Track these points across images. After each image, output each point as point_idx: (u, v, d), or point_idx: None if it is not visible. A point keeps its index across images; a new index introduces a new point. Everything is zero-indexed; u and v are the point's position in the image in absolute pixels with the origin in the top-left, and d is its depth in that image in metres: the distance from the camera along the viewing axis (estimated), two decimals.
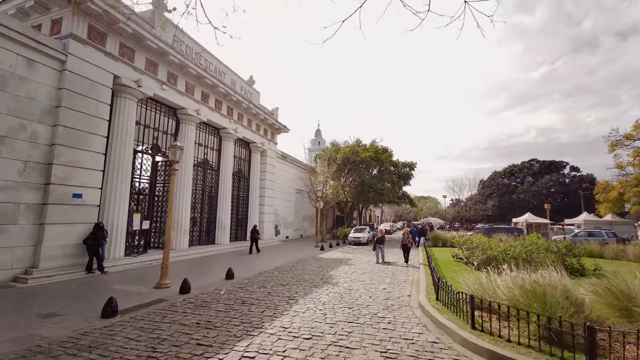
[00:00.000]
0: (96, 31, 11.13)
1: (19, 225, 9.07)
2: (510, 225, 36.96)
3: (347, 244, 24.47)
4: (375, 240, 14.66)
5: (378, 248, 14.35)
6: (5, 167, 8.77)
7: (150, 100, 13.94)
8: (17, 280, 8.80)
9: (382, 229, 15.77)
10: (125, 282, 9.43)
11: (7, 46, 8.77)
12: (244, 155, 22.22)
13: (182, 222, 15.29)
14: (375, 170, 34.88)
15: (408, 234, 14.71)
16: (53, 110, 9.94)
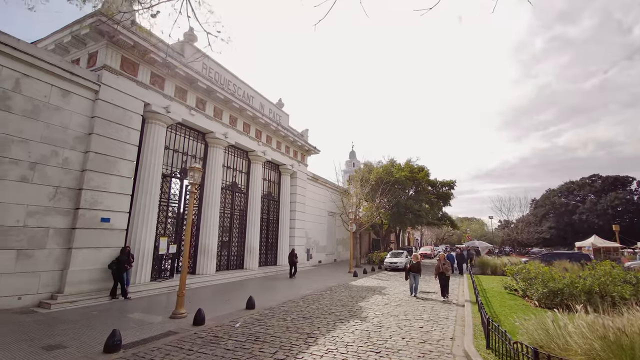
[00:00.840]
0: (129, 62, 11.67)
1: (46, 250, 9.21)
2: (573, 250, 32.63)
3: (383, 270, 22.81)
4: (409, 268, 12.27)
5: (412, 277, 12.05)
6: (35, 193, 9.05)
7: (179, 125, 14.27)
8: (41, 306, 8.79)
9: (416, 254, 12.88)
10: (143, 310, 9.07)
11: (40, 77, 9.32)
12: (273, 177, 22.05)
13: (209, 246, 15.05)
14: (411, 190, 33.10)
15: (444, 260, 11.93)
16: (85, 138, 10.31)
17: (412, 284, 12.03)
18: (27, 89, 9.05)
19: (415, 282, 11.98)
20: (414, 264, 12.21)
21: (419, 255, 13.13)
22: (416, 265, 12.15)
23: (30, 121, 9.07)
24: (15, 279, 8.49)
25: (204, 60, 15.07)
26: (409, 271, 12.19)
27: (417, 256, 12.67)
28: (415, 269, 12.08)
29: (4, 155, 8.47)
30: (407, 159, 33.92)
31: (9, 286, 8.34)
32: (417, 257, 12.58)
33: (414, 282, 11.98)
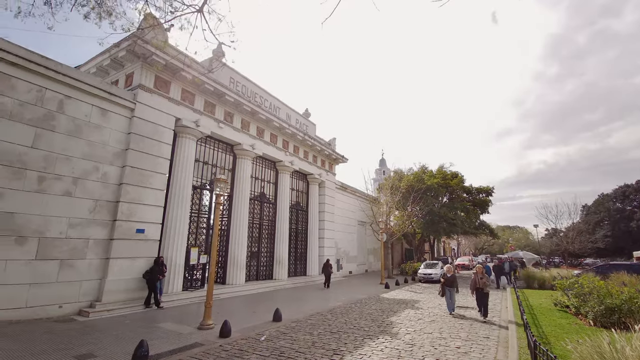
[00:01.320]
0: (161, 80, 12.28)
1: (87, 260, 9.71)
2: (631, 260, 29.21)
3: (417, 282, 21.76)
4: (443, 282, 10.80)
5: (448, 293, 10.66)
6: (77, 206, 9.63)
7: (208, 138, 14.72)
8: (81, 314, 9.23)
9: (450, 266, 11.35)
10: (173, 320, 9.21)
11: (82, 98, 10.02)
12: (301, 187, 22.05)
13: (238, 256, 15.20)
14: (445, 198, 31.65)
15: (482, 274, 10.21)
16: (122, 153, 10.90)
17: (448, 300, 10.72)
18: (70, 110, 9.76)
19: (451, 299, 10.64)
20: (448, 277, 10.76)
21: (453, 267, 11.55)
22: (451, 279, 10.71)
23: (73, 139, 9.73)
24: (58, 288, 9.00)
25: (231, 74, 15.57)
26: (444, 286, 10.82)
27: (452, 268, 11.17)
28: (450, 283, 10.68)
29: (49, 171, 9.12)
30: (440, 165, 32.63)
31: (51, 295, 8.85)
32: (450, 269, 11.08)
33: (450, 298, 10.66)
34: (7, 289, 8.05)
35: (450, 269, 11.13)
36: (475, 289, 10.06)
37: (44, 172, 9.01)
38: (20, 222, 8.43)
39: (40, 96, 9.14)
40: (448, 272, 10.95)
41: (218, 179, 9.15)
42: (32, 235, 8.63)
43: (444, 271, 11.15)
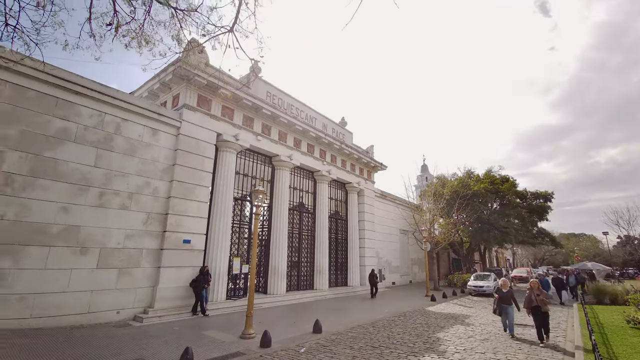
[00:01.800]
0: (203, 98, 13.06)
1: (141, 269, 10.45)
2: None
3: (467, 294, 20.31)
4: (498, 298, 9.47)
5: (503, 311, 9.29)
6: (133, 219, 10.46)
7: (247, 150, 15.28)
8: (136, 319, 9.89)
9: (506, 280, 9.84)
10: (217, 328, 9.49)
11: (136, 120, 10.96)
12: (340, 196, 21.92)
13: (278, 266, 15.39)
14: (495, 204, 29.48)
15: (539, 289, 8.65)
16: (170, 168, 11.69)
17: (504, 320, 9.38)
18: (125, 131, 10.73)
19: (508, 318, 9.20)
20: (504, 293, 9.34)
21: (509, 281, 9.64)
22: (507, 294, 9.27)
23: (128, 157, 10.66)
24: (116, 294, 9.76)
25: (267, 89, 16.13)
26: (499, 302, 9.39)
27: (507, 283, 9.68)
28: (506, 300, 9.24)
29: (108, 187, 10.05)
30: (487, 169, 30.60)
31: (110, 301, 9.61)
32: (506, 283, 9.61)
33: (507, 317, 9.24)
34: (72, 295, 8.90)
35: (505, 282, 9.69)
36: (532, 307, 8.54)
37: (104, 188, 9.94)
38: (84, 234, 9.34)
39: (100, 120, 10.17)
40: (503, 287, 9.51)
41: (256, 191, 9.38)
42: (94, 246, 9.51)
43: (499, 285, 9.77)
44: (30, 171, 8.60)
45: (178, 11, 4.36)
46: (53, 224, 8.81)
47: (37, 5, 3.66)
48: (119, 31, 4.23)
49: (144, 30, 4.38)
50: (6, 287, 7.91)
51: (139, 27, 4.32)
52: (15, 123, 8.52)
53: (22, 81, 8.75)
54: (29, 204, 8.48)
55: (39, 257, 8.48)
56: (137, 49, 4.43)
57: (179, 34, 4.53)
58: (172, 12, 4.36)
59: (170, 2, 4.29)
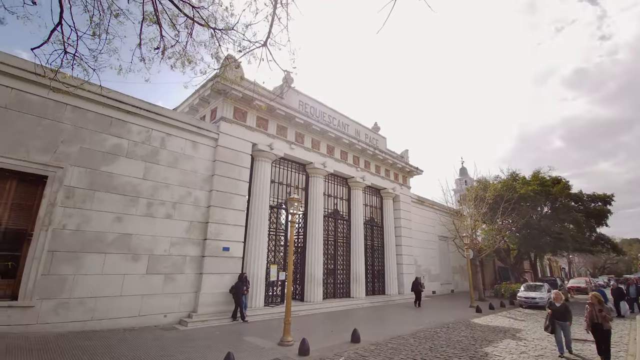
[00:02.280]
0: (239, 111, 13.61)
1: (185, 275, 10.99)
2: None
3: (517, 307, 18.87)
4: (551, 313, 8.33)
5: (557, 327, 8.22)
6: (176, 227, 11.07)
7: (282, 159, 15.60)
8: (181, 323, 10.38)
9: (560, 292, 8.67)
10: (256, 334, 9.66)
11: (178, 134, 11.67)
12: (375, 202, 21.56)
13: (315, 274, 15.40)
14: (545, 208, 27.28)
15: (600, 304, 7.56)
16: (209, 179, 12.25)
17: (559, 338, 8.24)
18: (169, 145, 11.46)
19: (565, 335, 8.23)
20: (557, 307, 8.25)
21: (564, 292, 8.31)
22: (562, 309, 8.17)
23: (172, 169, 11.35)
24: (163, 299, 10.33)
25: (299, 98, 16.43)
26: (553, 318, 8.28)
27: (561, 295, 8.45)
28: (561, 315, 8.13)
29: (155, 198, 10.75)
30: (535, 170, 28.43)
31: (158, 305, 10.19)
32: (559, 296, 8.40)
33: (563, 335, 8.23)
34: (126, 299, 9.56)
35: (559, 295, 8.50)
36: (593, 325, 7.51)
37: (151, 199, 10.65)
38: (135, 242, 10.04)
39: (148, 136, 10.97)
40: (556, 300, 8.37)
41: (291, 199, 9.52)
42: (144, 253, 10.17)
43: (551, 298, 8.64)
44: (89, 185, 9.45)
45: (217, 31, 4.63)
46: (108, 233, 9.58)
47: (93, 35, 4.09)
48: (165, 54, 4.58)
49: (187, 51, 4.70)
50: (69, 292, 8.70)
51: (182, 48, 4.66)
52: (76, 142, 9.45)
53: (82, 104, 9.71)
54: (88, 215, 9.30)
55: (97, 264, 9.24)
56: (181, 69, 4.76)
57: (218, 51, 4.81)
58: (212, 32, 4.63)
59: (210, 23, 4.56)
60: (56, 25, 3.71)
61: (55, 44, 3.89)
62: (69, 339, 7.76)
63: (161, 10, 4.21)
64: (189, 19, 4.38)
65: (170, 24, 4.43)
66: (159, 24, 4.27)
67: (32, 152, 8.66)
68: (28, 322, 7.94)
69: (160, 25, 4.26)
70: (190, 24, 4.51)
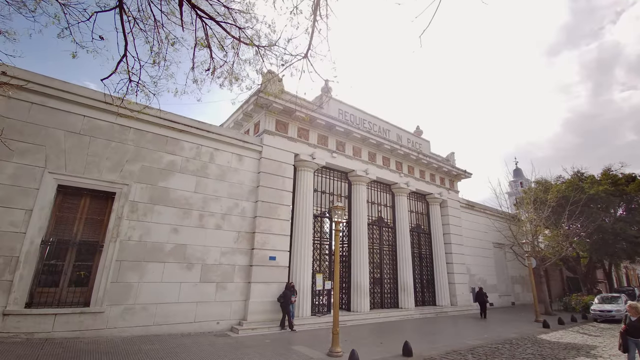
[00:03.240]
0: (281, 123, 14.02)
1: (234, 283, 11.41)
2: None
3: (591, 320, 16.75)
4: (625, 330, 7.19)
5: (632, 345, 7.08)
6: (226, 237, 11.58)
7: (324, 168, 15.69)
8: (232, 330, 10.74)
9: (635, 305, 7.33)
10: (304, 343, 9.65)
11: (225, 149, 12.30)
12: (420, 209, 20.71)
13: (361, 283, 15.09)
14: (620, 209, 24.16)
15: None
16: (254, 190, 12.70)
17: (632, 357, 7.18)
18: (217, 159, 12.13)
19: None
20: (632, 322, 7.12)
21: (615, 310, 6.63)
22: (637, 324, 7.05)
23: (220, 182, 11.97)
24: (215, 306, 10.80)
25: (339, 107, 16.50)
26: (626, 335, 7.13)
27: (637, 307, 7.21)
28: (635, 331, 7.02)
29: (206, 210, 11.38)
30: (605, 167, 25.43)
31: (211, 312, 10.66)
32: (636, 309, 7.17)
33: (638, 354, 7.15)
34: (182, 306, 10.15)
35: (635, 308, 7.19)
36: None
37: (202, 211, 11.29)
38: (189, 252, 10.68)
39: (198, 152, 11.72)
40: (632, 314, 7.16)
41: (335, 207, 9.49)
42: (197, 262, 10.77)
43: (626, 312, 7.39)
44: (149, 199, 10.30)
45: (260, 48, 4.85)
46: (166, 243, 10.31)
47: (153, 63, 4.52)
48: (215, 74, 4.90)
49: (233, 70, 4.99)
50: (133, 298, 9.46)
51: (230, 67, 4.96)
52: (138, 160, 10.39)
53: (142, 126, 10.68)
54: (149, 227, 10.11)
55: (157, 272, 9.97)
56: (229, 87, 5.06)
57: (262, 67, 5.02)
58: (256, 50, 4.87)
59: (255, 41, 4.80)
60: (122, 57, 4.17)
61: (122, 74, 4.36)
62: (135, 343, 8.39)
63: (211, 35, 4.53)
64: (236, 39, 4.65)
65: (219, 46, 4.74)
66: (209, 47, 4.59)
67: (103, 171, 9.69)
68: (99, 327, 8.75)
69: (210, 48, 4.58)
70: (237, 44, 4.79)
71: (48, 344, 7.66)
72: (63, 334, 8.33)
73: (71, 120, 9.52)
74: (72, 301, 8.79)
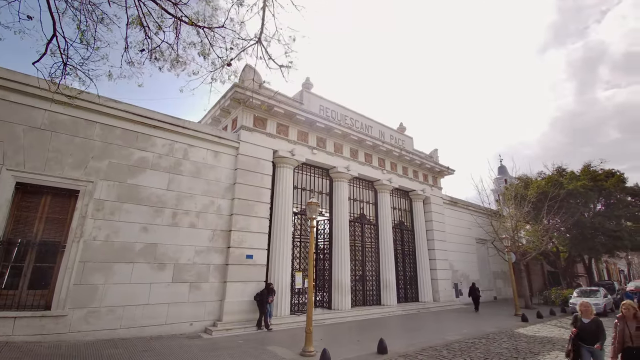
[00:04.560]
0: (259, 119, 13.71)
1: (209, 283, 11.09)
2: None
3: (569, 314, 17.03)
4: (575, 333, 5.79)
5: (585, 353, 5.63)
6: (200, 236, 11.25)
7: (304, 165, 15.46)
8: (206, 332, 10.43)
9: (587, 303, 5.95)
10: (279, 343, 9.43)
11: (200, 145, 11.95)
12: (403, 205, 20.70)
13: (342, 281, 14.95)
14: (598, 204, 24.72)
15: (635, 317, 5.31)
16: (231, 187, 12.39)
17: None
18: (192, 156, 11.76)
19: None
20: (584, 324, 5.71)
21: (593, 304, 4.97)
22: (591, 327, 5.65)
23: (195, 179, 11.61)
24: (189, 307, 10.47)
25: (320, 102, 16.29)
26: (578, 341, 5.72)
27: (590, 308, 5.86)
28: (589, 335, 5.61)
29: (179, 208, 11.02)
30: (585, 163, 25.96)
31: (184, 313, 10.33)
32: (589, 310, 5.81)
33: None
34: (153, 308, 9.79)
35: (587, 308, 5.82)
36: (623, 349, 5.28)
37: (176, 209, 10.92)
38: (161, 251, 10.32)
39: (171, 148, 11.33)
40: (585, 315, 5.77)
41: (310, 203, 9.29)
42: (170, 262, 10.41)
43: (577, 313, 5.94)
44: (117, 197, 9.89)
45: (205, 29, 4.56)
46: (136, 243, 9.92)
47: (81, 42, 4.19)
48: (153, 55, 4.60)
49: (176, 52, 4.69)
50: (99, 301, 9.05)
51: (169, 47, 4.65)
52: (105, 157, 9.95)
53: (110, 121, 10.23)
54: (117, 226, 9.71)
55: (125, 273, 9.58)
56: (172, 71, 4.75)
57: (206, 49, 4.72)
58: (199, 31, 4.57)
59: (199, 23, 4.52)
60: (51, 37, 3.83)
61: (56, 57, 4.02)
62: (97, 348, 8.02)
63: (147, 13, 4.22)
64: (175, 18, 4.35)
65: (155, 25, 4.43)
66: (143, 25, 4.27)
67: (65, 168, 9.23)
68: (61, 331, 8.33)
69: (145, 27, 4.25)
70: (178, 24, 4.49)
71: (7, 348, 7.26)
72: (24, 337, 7.90)
73: (32, 115, 9.03)
74: (32, 304, 8.35)
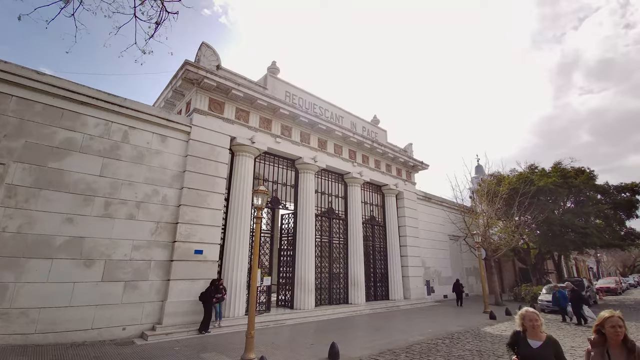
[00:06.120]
0: (215, 102, 12.53)
1: (149, 282, 9.88)
2: None
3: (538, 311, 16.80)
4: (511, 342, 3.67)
5: None
6: (140, 229, 10.00)
7: (267, 154, 14.39)
8: (142, 336, 9.23)
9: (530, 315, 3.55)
10: (219, 349, 8.38)
11: (144, 127, 10.67)
12: (376, 200, 20.02)
13: (306, 278, 14.03)
14: (568, 201, 24.94)
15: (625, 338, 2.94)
16: (180, 175, 11.18)
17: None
18: (133, 139, 10.47)
19: None
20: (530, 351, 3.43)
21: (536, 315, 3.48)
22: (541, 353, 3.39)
23: (136, 166, 10.34)
24: (122, 309, 9.23)
25: (286, 89, 15.26)
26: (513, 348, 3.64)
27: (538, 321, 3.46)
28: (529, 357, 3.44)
29: (115, 197, 9.73)
30: (556, 162, 26.11)
31: (117, 316, 9.09)
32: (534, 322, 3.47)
33: None
34: (76, 310, 8.51)
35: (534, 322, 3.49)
36: None
37: (110, 198, 9.63)
38: (89, 246, 9.01)
39: (107, 129, 10.00)
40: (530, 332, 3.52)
41: (256, 190, 8.31)
42: (99, 258, 9.13)
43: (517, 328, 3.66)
44: (34, 182, 8.51)
45: None
46: (56, 236, 8.58)
47: None
48: None
49: None
50: (8, 302, 7.72)
51: None
52: (21, 136, 8.55)
53: (29, 95, 8.84)
54: (32, 216, 8.35)
55: (42, 270, 8.25)
56: None
57: None
58: None
59: None
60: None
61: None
62: (1, 355, 6.74)
63: None
64: None
65: None
66: None
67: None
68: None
69: None
70: None
71: None
72: None
73: None
74: None
